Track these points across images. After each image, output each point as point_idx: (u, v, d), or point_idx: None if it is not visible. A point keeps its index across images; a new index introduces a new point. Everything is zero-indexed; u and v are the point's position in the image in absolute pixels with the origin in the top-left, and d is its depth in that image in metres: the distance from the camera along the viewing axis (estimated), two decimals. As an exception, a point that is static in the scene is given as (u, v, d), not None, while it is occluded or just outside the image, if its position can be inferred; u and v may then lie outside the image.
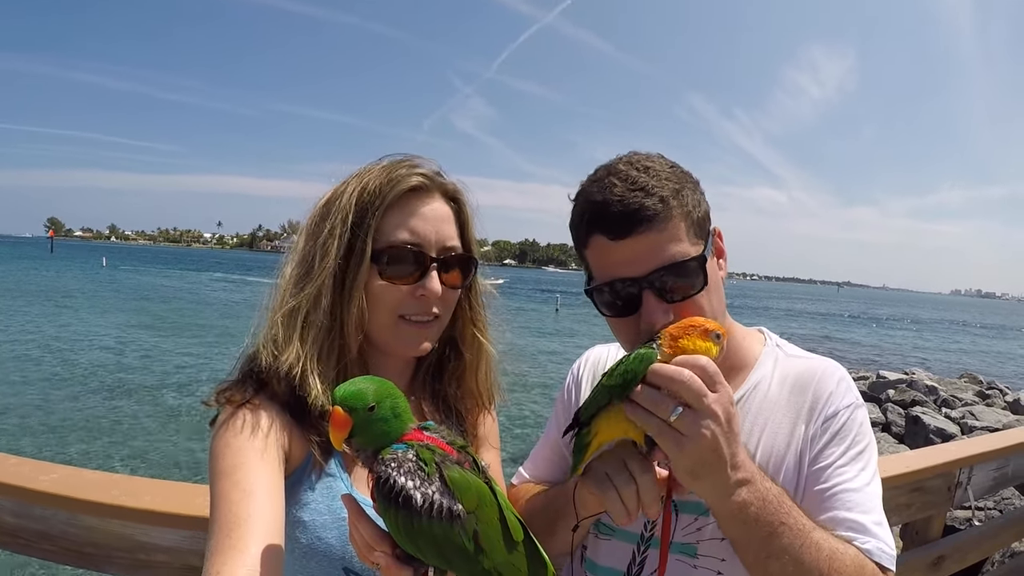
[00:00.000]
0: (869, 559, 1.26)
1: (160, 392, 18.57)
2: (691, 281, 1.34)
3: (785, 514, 1.20)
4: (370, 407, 1.02)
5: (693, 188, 1.41)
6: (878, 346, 46.16)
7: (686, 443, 1.10)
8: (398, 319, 1.40)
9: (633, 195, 1.31)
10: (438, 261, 1.40)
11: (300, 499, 1.31)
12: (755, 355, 1.56)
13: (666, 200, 1.32)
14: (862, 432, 1.42)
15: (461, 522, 1.01)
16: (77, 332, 28.94)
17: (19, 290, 48.35)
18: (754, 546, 1.20)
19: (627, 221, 1.30)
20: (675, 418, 1.10)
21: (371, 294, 1.38)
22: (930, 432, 13.30)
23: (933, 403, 16.04)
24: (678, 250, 1.33)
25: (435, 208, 1.42)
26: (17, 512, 2.00)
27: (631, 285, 1.34)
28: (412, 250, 1.37)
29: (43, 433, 14.45)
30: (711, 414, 1.11)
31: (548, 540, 1.38)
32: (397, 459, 1.02)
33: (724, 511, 1.19)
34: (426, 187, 1.41)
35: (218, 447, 1.22)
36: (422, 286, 1.37)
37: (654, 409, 1.12)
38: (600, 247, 1.37)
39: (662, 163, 1.40)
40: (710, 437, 1.10)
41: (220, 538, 1.06)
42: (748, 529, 1.19)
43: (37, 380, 19.03)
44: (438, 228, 1.41)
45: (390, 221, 1.38)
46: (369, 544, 1.04)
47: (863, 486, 1.35)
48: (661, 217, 1.31)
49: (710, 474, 1.14)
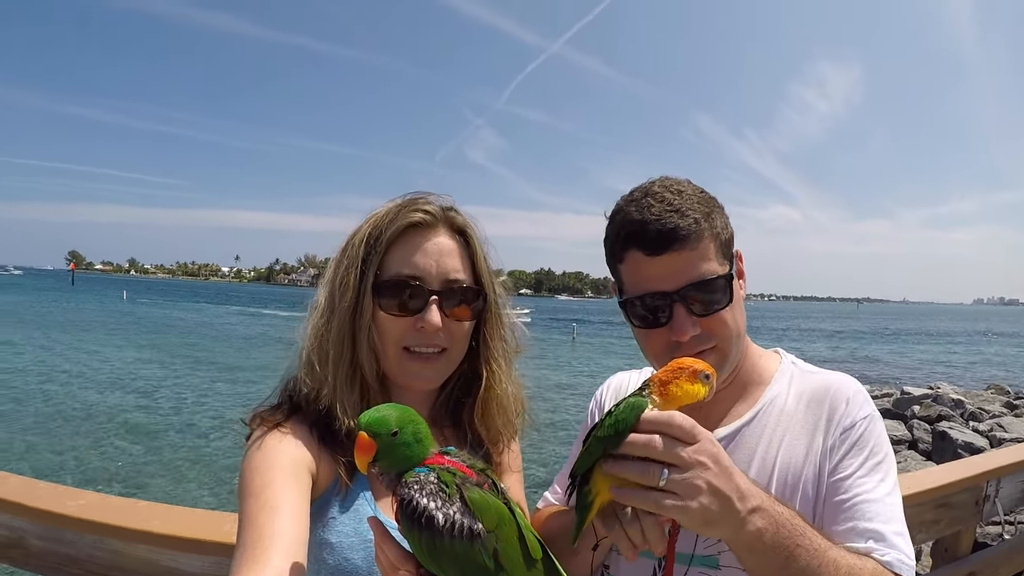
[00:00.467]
0: (889, 571, 1.26)
1: (183, 423, 18.73)
2: (718, 297, 1.42)
3: (800, 535, 1.19)
4: (393, 432, 1.06)
5: (720, 212, 1.49)
6: (901, 362, 45.70)
7: (687, 500, 1.10)
8: (402, 352, 1.44)
9: (669, 216, 1.39)
10: (439, 293, 1.43)
11: (327, 521, 1.34)
12: (771, 372, 1.59)
13: (699, 222, 1.40)
14: (880, 443, 1.43)
15: (481, 541, 1.03)
16: (103, 364, 29.32)
17: (43, 322, 48.95)
18: (772, 572, 1.20)
19: (663, 239, 1.38)
20: (664, 482, 1.09)
21: (378, 327, 1.43)
22: (958, 447, 13.09)
23: (960, 417, 15.80)
24: (708, 268, 1.41)
25: (438, 243, 1.46)
26: (45, 536, 2.04)
27: (663, 299, 1.42)
28: (411, 283, 1.41)
29: (69, 460, 14.61)
30: (697, 464, 1.10)
31: (570, 559, 1.41)
32: (419, 481, 1.05)
33: (740, 543, 1.18)
34: (428, 223, 1.45)
35: (248, 467, 1.26)
36: (421, 318, 1.41)
37: (643, 480, 1.11)
38: (636, 262, 1.44)
39: (693, 188, 1.48)
40: (705, 486, 1.10)
41: (245, 552, 1.09)
42: (766, 557, 1.18)
43: (66, 410, 19.27)
44: (439, 261, 1.44)
45: (393, 257, 1.43)
46: (394, 565, 1.06)
47: (883, 496, 1.35)
48: (694, 237, 1.39)
49: (720, 518, 1.13)
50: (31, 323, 47.74)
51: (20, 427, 17.26)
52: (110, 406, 20.41)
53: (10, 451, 15.10)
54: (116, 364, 29.71)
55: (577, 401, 20.52)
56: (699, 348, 1.41)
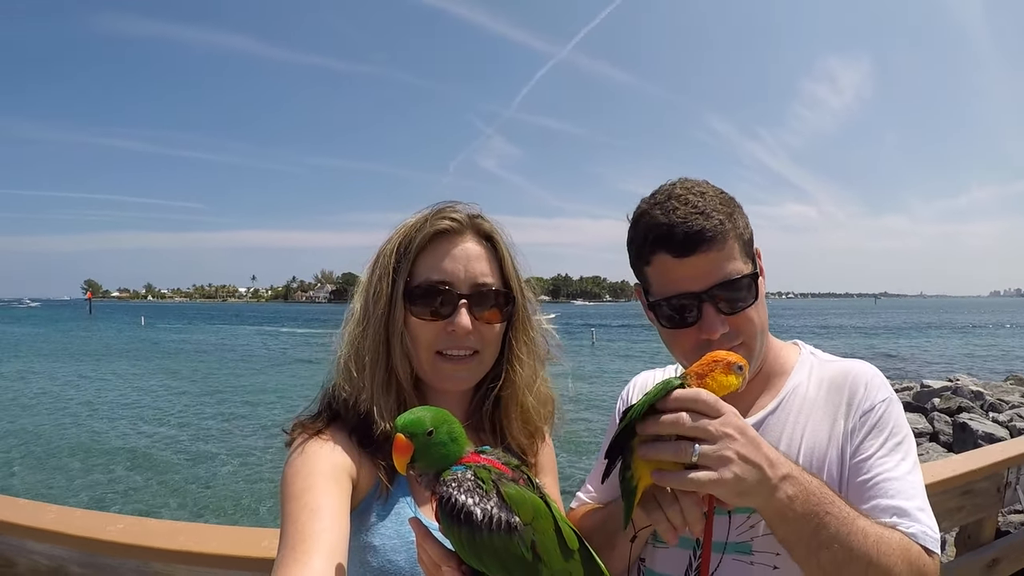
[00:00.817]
0: (915, 542, 1.28)
1: (206, 445, 18.78)
2: (744, 295, 1.48)
3: (829, 503, 1.23)
4: (428, 432, 1.10)
5: (741, 212, 1.53)
6: (920, 355, 45.35)
7: (721, 472, 1.14)
8: (435, 355, 1.48)
9: (695, 218, 1.43)
10: (468, 297, 1.47)
11: (369, 524, 1.39)
12: (792, 363, 1.64)
13: (723, 223, 1.45)
14: (899, 424, 1.47)
15: (519, 533, 1.06)
16: (121, 390, 29.42)
17: (64, 352, 49.16)
18: (804, 539, 1.23)
19: (691, 241, 1.42)
20: (696, 457, 1.14)
21: (411, 333, 1.47)
22: (978, 438, 12.97)
23: (980, 408, 15.66)
24: (733, 268, 1.46)
25: (465, 248, 1.50)
26: (84, 563, 2.09)
27: (692, 299, 1.46)
28: (441, 288, 1.46)
29: (102, 486, 14.71)
30: (724, 436, 1.16)
31: (609, 554, 1.46)
32: (457, 479, 1.09)
33: (772, 511, 1.22)
34: (456, 229, 1.49)
35: (289, 472, 1.30)
36: (451, 322, 1.45)
37: (675, 457, 1.16)
38: (664, 264, 1.48)
39: (713, 189, 1.52)
40: (735, 456, 1.15)
41: (286, 552, 1.13)
42: (797, 524, 1.22)
43: (88, 437, 19.36)
44: (468, 266, 1.48)
45: (422, 263, 1.48)
46: (436, 563, 1.10)
47: (904, 474, 1.39)
48: (720, 238, 1.44)
49: (753, 487, 1.17)
50: (49, 355, 47.99)
51: (47, 457, 17.38)
52: (129, 432, 20.50)
53: (41, 482, 15.22)
54: (134, 390, 29.83)
55: (599, 402, 20.65)
56: (728, 345, 1.44)
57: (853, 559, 1.21)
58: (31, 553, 2.14)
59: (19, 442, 18.98)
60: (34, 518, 2.12)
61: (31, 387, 30.09)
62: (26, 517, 2.13)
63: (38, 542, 2.11)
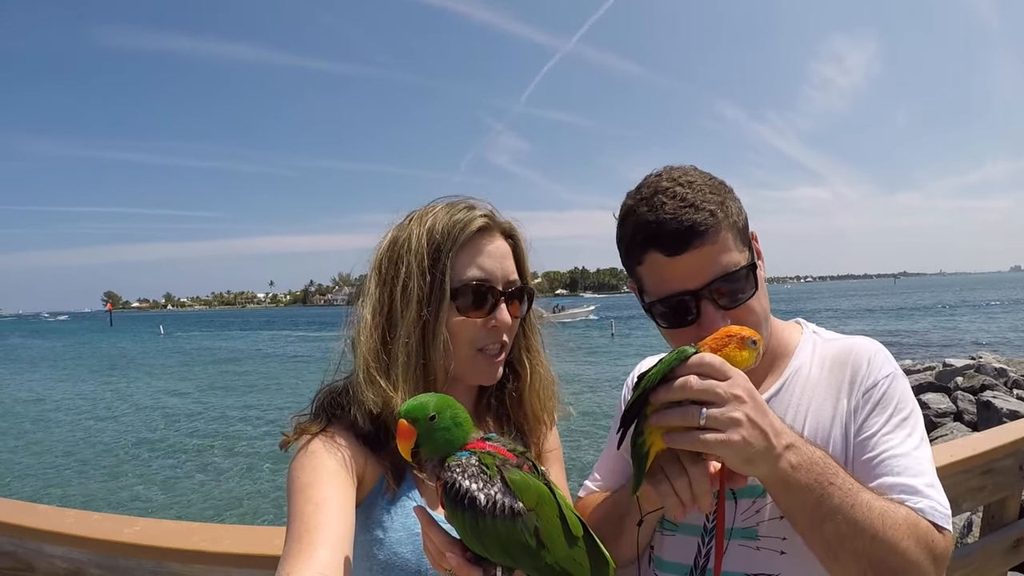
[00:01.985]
0: (923, 518, 1.26)
1: (228, 444, 18.97)
2: (744, 286, 1.42)
3: (833, 475, 1.21)
4: (431, 416, 1.10)
5: (732, 197, 1.47)
6: (942, 334, 44.96)
7: (729, 434, 1.13)
8: (476, 352, 1.49)
9: (684, 212, 1.36)
10: (505, 294, 1.49)
11: (376, 519, 1.39)
12: (794, 343, 1.61)
13: (715, 213, 1.38)
14: (904, 400, 1.44)
15: (523, 519, 1.06)
16: (148, 398, 29.75)
17: (83, 363, 49.65)
18: (808, 511, 1.21)
19: (682, 237, 1.36)
20: (703, 420, 1.13)
21: (451, 331, 1.45)
22: (1003, 416, 12.84)
23: (1004, 385, 15.52)
24: (730, 260, 1.39)
25: (498, 246, 1.52)
26: (103, 565, 2.10)
27: (689, 297, 1.40)
28: (484, 286, 1.47)
29: (119, 489, 14.90)
30: (733, 398, 1.14)
31: (616, 541, 1.45)
32: (461, 465, 1.09)
33: (776, 480, 1.21)
34: (490, 227, 1.51)
35: (295, 469, 1.31)
36: (494, 318, 1.47)
37: (683, 422, 1.15)
38: (656, 263, 1.42)
39: (701, 176, 1.45)
40: (744, 419, 1.14)
41: (292, 544, 1.13)
42: (801, 494, 1.20)
43: (102, 443, 19.59)
44: (502, 264, 1.50)
45: (462, 260, 1.46)
46: (441, 550, 1.10)
47: (911, 451, 1.36)
48: (712, 230, 1.37)
49: (759, 453, 1.16)
50: (70, 366, 48.54)
51: (64, 461, 17.58)
52: (147, 436, 20.87)
53: (57, 487, 15.41)
54: (148, 395, 30.32)
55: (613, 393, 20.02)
56: None
57: (857, 532, 1.19)
58: (50, 557, 2.15)
59: (41, 450, 19.22)
60: (53, 522, 2.14)
61: (52, 397, 30.45)
62: (45, 522, 2.15)
63: (57, 545, 2.13)
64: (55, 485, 15.89)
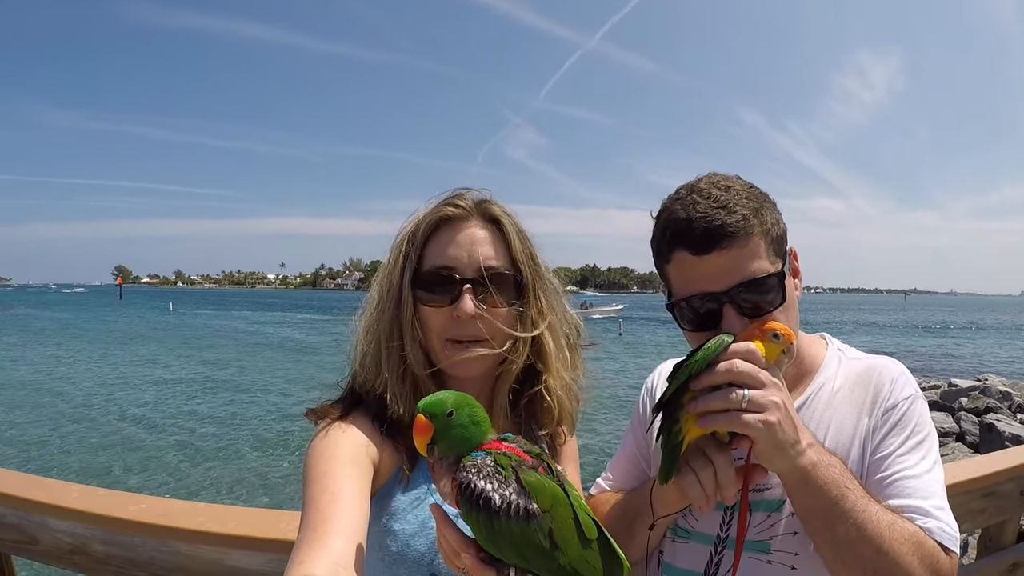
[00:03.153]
0: (930, 537, 1.26)
1: (235, 425, 19.04)
2: (770, 297, 1.39)
3: (848, 479, 1.24)
4: (448, 413, 1.11)
5: (771, 208, 1.46)
6: (949, 354, 44.90)
7: (767, 415, 1.17)
8: (446, 342, 1.47)
9: (715, 212, 1.36)
10: (471, 281, 1.45)
11: (390, 509, 1.40)
12: (819, 360, 1.60)
13: (747, 218, 1.37)
14: (921, 423, 1.44)
15: (537, 520, 1.06)
16: (153, 374, 29.89)
17: (92, 336, 49.86)
18: (822, 511, 1.24)
19: (710, 237, 1.35)
20: (746, 403, 1.17)
21: (421, 321, 1.48)
22: (1005, 439, 12.85)
23: (1008, 409, 15.50)
24: (758, 267, 1.38)
25: (470, 233, 1.49)
26: (106, 540, 2.11)
27: (712, 300, 1.39)
28: (444, 274, 1.45)
29: (127, 468, 14.98)
30: (772, 384, 1.19)
31: (626, 543, 1.44)
32: (477, 465, 1.09)
33: (796, 475, 1.23)
34: (460, 215, 1.49)
35: (311, 456, 1.31)
36: (456, 307, 1.44)
37: (724, 404, 1.19)
38: (683, 262, 1.42)
39: (741, 183, 1.45)
40: (781, 403, 1.18)
41: (306, 533, 1.13)
42: (818, 493, 1.23)
43: (111, 418, 19.67)
44: (471, 251, 1.47)
45: (428, 251, 1.48)
46: (455, 549, 1.11)
47: (923, 473, 1.36)
48: (743, 234, 1.36)
49: (788, 442, 1.20)
50: (83, 337, 48.78)
51: (70, 436, 17.66)
52: (153, 413, 21.00)
53: (64, 461, 15.49)
54: (157, 373, 30.48)
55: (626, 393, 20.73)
56: None
57: (864, 539, 1.21)
58: (54, 531, 2.17)
59: (46, 424, 19.30)
60: (58, 496, 2.15)
61: (59, 370, 30.58)
62: (50, 495, 2.16)
63: (61, 520, 2.14)
64: (59, 456, 15.97)
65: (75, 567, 2.19)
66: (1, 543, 2.32)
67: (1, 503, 2.23)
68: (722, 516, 1.51)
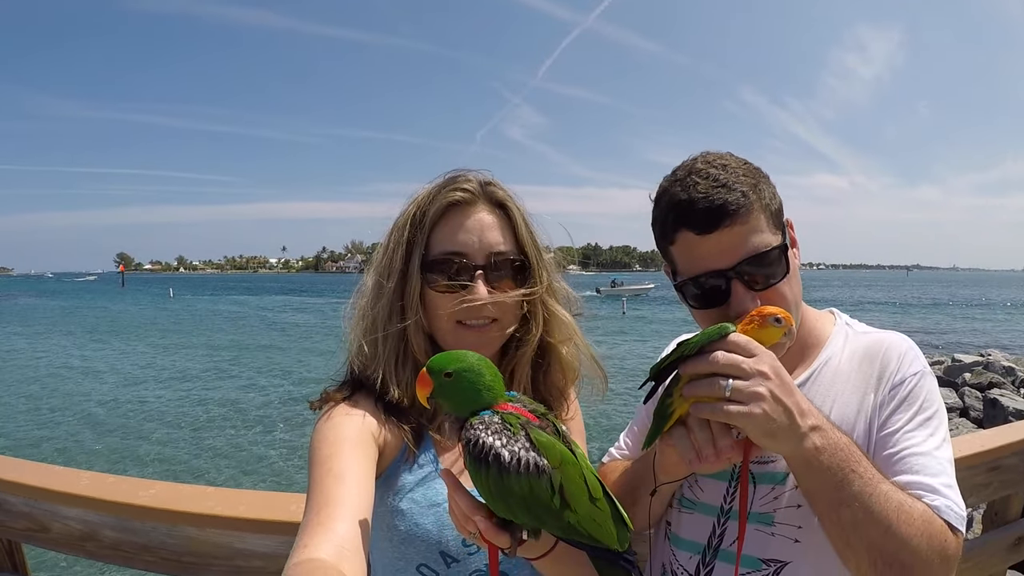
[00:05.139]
0: (938, 516, 1.26)
1: (237, 409, 19.11)
2: (775, 269, 1.42)
3: (855, 462, 1.23)
4: (447, 373, 1.12)
5: (767, 182, 1.47)
6: (952, 329, 44.92)
7: (751, 407, 1.16)
8: (456, 325, 1.48)
9: (716, 191, 1.37)
10: (483, 267, 1.47)
11: (396, 489, 1.41)
12: (826, 334, 1.60)
13: (747, 194, 1.39)
14: (930, 399, 1.43)
15: (548, 476, 1.07)
16: (156, 361, 29.98)
17: (89, 325, 49.92)
18: (827, 494, 1.23)
19: (713, 216, 1.37)
20: (729, 392, 1.17)
21: (429, 304, 1.48)
22: (1009, 414, 12.85)
23: (1011, 384, 15.52)
24: (761, 241, 1.40)
25: (479, 218, 1.50)
26: (117, 527, 2.12)
27: (718, 277, 1.41)
28: (456, 260, 1.46)
29: (134, 455, 15.07)
30: (757, 374, 1.18)
31: (630, 509, 1.43)
32: (484, 422, 1.10)
33: (799, 459, 1.23)
34: (468, 200, 1.49)
35: (317, 438, 1.32)
36: (469, 292, 1.45)
37: (711, 392, 1.19)
38: (687, 242, 1.43)
39: (736, 160, 1.46)
40: (767, 394, 1.17)
41: (311, 516, 1.14)
42: (822, 476, 1.22)
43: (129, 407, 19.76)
44: (482, 236, 1.48)
45: (437, 236, 1.48)
46: (466, 514, 1.11)
47: (932, 450, 1.36)
48: (744, 211, 1.38)
49: (782, 429, 1.19)
50: (82, 325, 48.84)
51: (80, 424, 17.74)
52: (153, 399, 21.07)
53: (73, 449, 15.55)
54: (157, 359, 30.57)
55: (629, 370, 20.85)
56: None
57: (872, 521, 1.21)
58: (65, 518, 2.18)
59: (49, 410, 19.37)
60: (68, 484, 2.16)
61: (59, 359, 30.63)
62: (61, 483, 2.17)
63: (71, 507, 2.15)
64: (66, 444, 16.03)
65: (86, 554, 2.20)
66: (11, 531, 2.33)
67: (11, 491, 2.24)
68: (726, 487, 1.53)
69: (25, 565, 2.49)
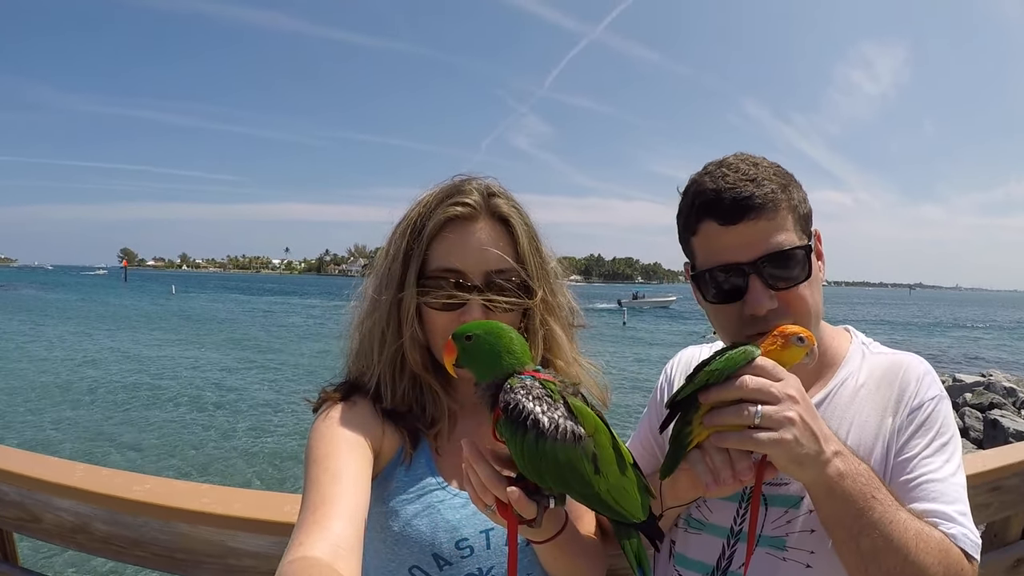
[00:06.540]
0: (954, 544, 1.25)
1: (235, 408, 19.10)
2: (797, 271, 1.39)
3: (876, 489, 1.21)
4: (467, 336, 1.14)
5: (798, 187, 1.46)
6: (953, 349, 44.77)
7: (782, 433, 1.13)
8: None
9: (744, 184, 1.36)
10: (480, 287, 1.42)
11: (392, 490, 1.41)
12: (843, 353, 1.58)
13: (775, 192, 1.37)
14: (946, 424, 1.42)
15: (583, 444, 1.07)
16: (152, 355, 29.96)
17: (94, 316, 50.01)
18: (847, 521, 1.21)
19: (738, 208, 1.35)
20: (759, 419, 1.14)
21: (426, 319, 1.45)
22: (1009, 436, 12.86)
23: (1012, 405, 15.49)
24: (785, 239, 1.37)
25: (479, 236, 1.44)
26: (110, 520, 2.11)
27: (737, 271, 1.38)
28: (453, 279, 1.42)
29: (129, 449, 15.04)
30: (787, 398, 1.15)
31: None
32: (525, 386, 1.10)
33: (821, 485, 1.20)
34: (468, 215, 1.44)
35: (314, 438, 1.33)
36: (466, 312, 1.40)
37: (738, 420, 1.16)
38: (710, 233, 1.41)
39: (769, 162, 1.45)
40: (797, 418, 1.14)
41: (306, 515, 1.14)
42: (843, 503, 1.20)
43: (126, 401, 19.76)
44: (480, 255, 1.43)
45: (435, 251, 1.44)
46: (484, 485, 1.11)
47: (947, 476, 1.35)
48: (771, 206, 1.36)
49: (809, 455, 1.16)
50: (85, 319, 48.91)
51: (75, 418, 17.73)
52: (165, 393, 21.06)
53: (67, 441, 15.54)
54: (157, 355, 30.48)
55: (634, 381, 20.43)
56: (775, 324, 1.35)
57: (891, 549, 1.19)
58: (57, 509, 2.17)
59: (46, 403, 19.36)
60: (62, 475, 2.15)
61: (56, 353, 30.62)
62: (54, 474, 2.16)
63: (64, 499, 2.14)
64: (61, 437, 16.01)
65: (77, 546, 2.19)
66: (3, 520, 2.32)
67: (3, 481, 2.23)
68: (736, 508, 1.50)
69: (16, 555, 2.48)
